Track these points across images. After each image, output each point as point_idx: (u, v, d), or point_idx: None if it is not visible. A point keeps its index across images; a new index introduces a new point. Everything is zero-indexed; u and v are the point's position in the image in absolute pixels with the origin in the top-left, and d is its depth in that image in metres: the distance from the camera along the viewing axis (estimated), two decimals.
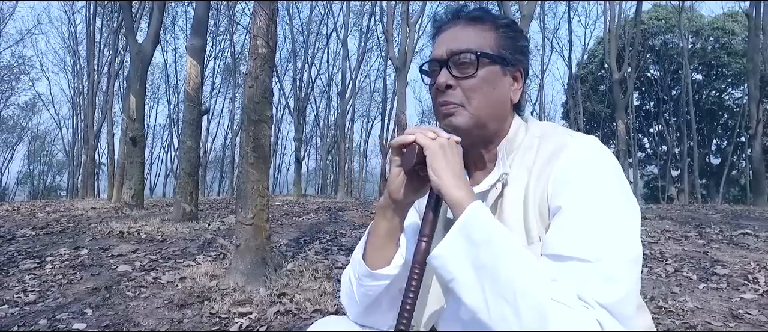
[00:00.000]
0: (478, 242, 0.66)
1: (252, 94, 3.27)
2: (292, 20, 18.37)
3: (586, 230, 0.67)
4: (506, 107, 0.82)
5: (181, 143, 5.75)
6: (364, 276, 0.82)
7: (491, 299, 0.65)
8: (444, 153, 0.73)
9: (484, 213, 0.68)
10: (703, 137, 21.79)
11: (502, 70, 0.80)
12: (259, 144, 3.28)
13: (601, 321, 0.62)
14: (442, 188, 0.71)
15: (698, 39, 19.39)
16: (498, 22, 0.82)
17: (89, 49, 15.09)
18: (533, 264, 0.65)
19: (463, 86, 0.78)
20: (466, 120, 0.78)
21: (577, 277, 0.65)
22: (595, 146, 0.74)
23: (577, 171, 0.71)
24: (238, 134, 23.38)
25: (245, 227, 3.21)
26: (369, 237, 0.83)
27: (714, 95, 20.89)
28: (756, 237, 4.77)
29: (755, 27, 8.95)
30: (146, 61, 6.97)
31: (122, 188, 8.83)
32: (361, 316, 0.88)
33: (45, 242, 4.92)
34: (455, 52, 0.78)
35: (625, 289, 0.65)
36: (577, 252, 0.66)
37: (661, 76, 20.87)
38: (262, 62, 3.29)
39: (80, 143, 19.66)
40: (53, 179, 35.63)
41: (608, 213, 0.68)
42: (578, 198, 0.69)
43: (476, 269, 0.66)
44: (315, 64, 20.89)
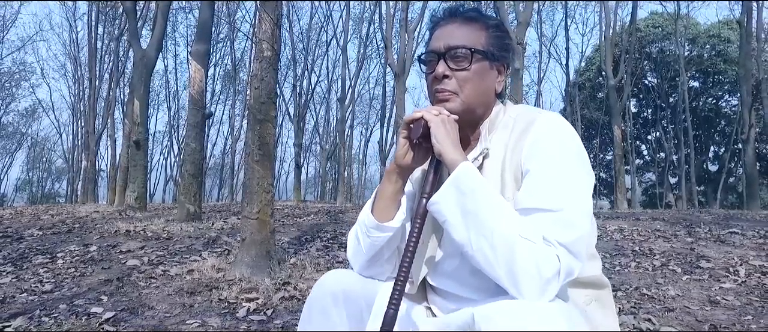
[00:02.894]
0: (466, 192, 0.85)
1: (257, 95, 3.47)
2: (292, 27, 18.64)
3: (549, 187, 0.86)
4: (491, 96, 1.02)
5: (185, 145, 5.93)
6: (372, 227, 1.00)
7: (473, 236, 0.84)
8: (444, 125, 0.92)
9: (473, 171, 0.88)
10: (701, 144, 22.02)
11: (489, 65, 0.99)
12: (264, 142, 3.47)
13: (560, 256, 0.81)
14: (442, 152, 0.90)
15: (694, 46, 19.69)
16: (488, 23, 1.01)
17: (91, 55, 15.32)
18: (508, 211, 0.84)
19: (457, 77, 0.97)
20: (458, 106, 0.97)
21: (542, 223, 0.83)
22: (559, 121, 0.94)
23: (543, 141, 0.90)
24: (238, 141, 23.57)
25: (250, 221, 3.39)
26: (376, 198, 1.02)
27: (711, 102, 21.16)
28: (743, 236, 4.95)
29: (747, 34, 9.22)
30: (150, 66, 7.19)
31: (124, 192, 8.99)
32: (365, 267, 1.06)
33: (53, 240, 5.08)
34: (452, 47, 0.97)
35: (579, 232, 0.84)
36: (541, 204, 0.85)
37: (658, 84, 21.15)
38: (267, 65, 3.49)
39: (80, 149, 19.85)
40: (52, 185, 35.77)
41: (567, 174, 0.88)
42: (543, 162, 0.88)
43: (463, 213, 0.85)
44: (315, 71, 21.16)
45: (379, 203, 1.01)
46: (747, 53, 9.34)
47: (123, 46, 14.88)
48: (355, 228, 1.08)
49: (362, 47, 20.61)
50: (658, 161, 22.53)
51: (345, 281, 1.04)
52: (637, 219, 6.39)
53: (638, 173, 23.82)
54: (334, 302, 1.02)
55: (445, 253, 1.01)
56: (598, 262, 0.99)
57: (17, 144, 30.91)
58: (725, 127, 21.04)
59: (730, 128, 19.66)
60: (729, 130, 19.77)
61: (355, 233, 1.07)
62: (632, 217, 6.90)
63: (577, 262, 0.83)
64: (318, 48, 21.41)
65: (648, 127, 23.57)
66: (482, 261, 0.83)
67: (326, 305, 1.02)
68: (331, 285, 1.04)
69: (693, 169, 18.34)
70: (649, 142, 24.01)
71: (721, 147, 22.04)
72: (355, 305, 1.02)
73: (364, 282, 1.05)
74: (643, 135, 23.98)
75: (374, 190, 1.07)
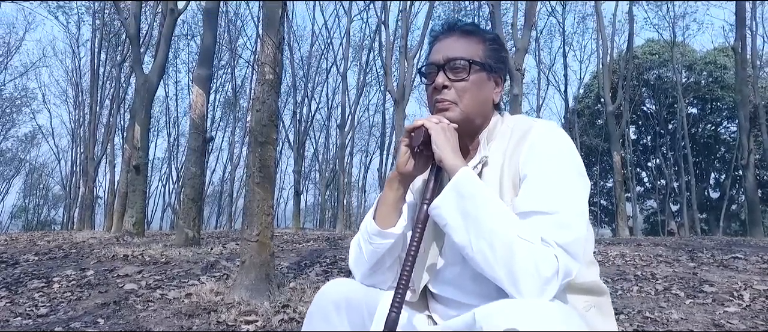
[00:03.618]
0: (466, 196, 0.89)
1: (259, 117, 3.52)
2: (293, 54, 18.96)
3: (546, 191, 0.89)
4: (489, 106, 1.06)
5: (185, 169, 5.97)
6: (374, 234, 1.03)
7: (473, 238, 0.86)
8: (445, 133, 0.96)
9: (472, 176, 0.91)
10: (701, 170, 22.09)
11: (487, 76, 1.04)
12: (265, 165, 3.50)
13: (558, 256, 0.83)
14: (442, 157, 0.94)
15: (691, 73, 20.00)
16: (486, 36, 1.06)
17: (93, 81, 15.52)
18: (506, 213, 0.87)
19: (456, 87, 1.01)
20: (458, 115, 1.01)
21: (540, 225, 0.86)
22: (555, 129, 0.98)
23: (539, 147, 0.94)
24: (238, 168, 23.63)
25: (250, 243, 3.39)
26: (378, 205, 1.05)
27: (709, 128, 21.34)
28: (746, 261, 4.93)
29: (742, 60, 9.41)
30: (152, 91, 7.29)
31: (123, 218, 8.98)
32: (367, 276, 1.08)
33: (49, 265, 5.05)
34: (451, 59, 1.01)
35: (576, 234, 0.86)
36: (539, 207, 0.88)
37: (656, 110, 21.37)
38: (269, 88, 3.55)
39: (79, 175, 19.87)
40: (48, 213, 35.62)
41: (563, 178, 0.91)
42: (539, 167, 0.92)
43: (464, 216, 0.88)
44: (315, 98, 21.39)
45: (381, 209, 1.04)
46: (743, 79, 9.50)
47: (125, 73, 15.09)
48: (357, 237, 1.10)
49: (362, 75, 20.91)
50: (659, 188, 22.55)
51: (347, 289, 1.06)
52: (638, 245, 6.37)
53: (639, 201, 23.80)
54: (337, 310, 1.03)
55: (447, 261, 1.03)
56: (597, 268, 1.01)
57: (15, 170, 30.93)
58: (725, 153, 21.15)
59: (729, 155, 19.77)
60: (729, 156, 19.88)
61: (358, 241, 1.09)
62: (634, 243, 6.88)
63: (575, 263, 0.85)
64: (318, 75, 21.74)
65: (648, 154, 23.69)
66: (482, 263, 0.85)
67: (328, 313, 1.03)
68: (334, 293, 1.05)
69: (694, 196, 18.34)
70: (650, 169, 24.09)
71: (721, 174, 22.10)
72: (357, 313, 1.03)
73: (366, 290, 1.07)
74: (643, 162, 24.07)
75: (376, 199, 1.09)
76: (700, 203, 20.26)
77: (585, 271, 0.97)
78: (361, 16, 19.79)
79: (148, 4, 13.47)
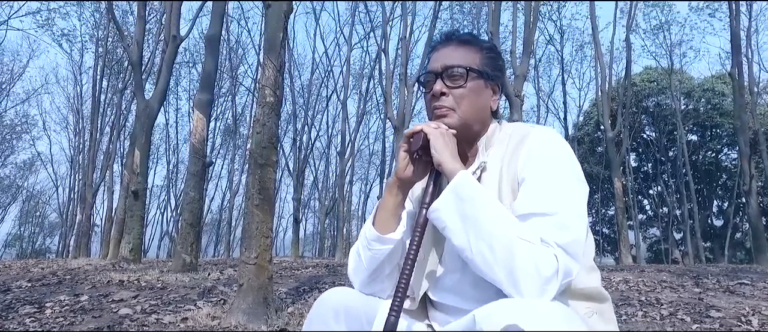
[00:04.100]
0: (465, 198, 0.89)
1: (259, 139, 3.54)
2: (293, 82, 19.19)
3: (544, 193, 0.90)
4: (487, 113, 1.07)
5: (184, 194, 5.96)
6: (374, 240, 1.02)
7: (473, 240, 0.86)
8: (443, 137, 0.97)
9: (470, 178, 0.92)
10: (704, 198, 22.04)
11: (485, 83, 1.05)
12: (264, 187, 3.50)
13: (557, 256, 0.83)
14: (441, 161, 0.94)
15: (690, 100, 20.19)
16: (483, 45, 1.08)
17: (94, 108, 15.66)
18: (505, 215, 0.87)
19: (454, 94, 1.03)
20: (456, 121, 1.02)
21: (539, 227, 0.86)
22: (552, 133, 0.99)
23: (537, 151, 0.95)
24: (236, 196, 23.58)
25: (248, 266, 3.36)
26: (377, 211, 1.05)
27: (710, 155, 21.40)
28: (753, 287, 4.87)
29: (740, 86, 9.54)
30: (152, 117, 7.35)
31: (119, 245, 8.91)
32: (366, 284, 1.07)
33: (42, 291, 4.98)
34: (449, 67, 1.03)
35: (575, 234, 0.86)
36: (538, 209, 0.88)
37: (656, 137, 21.48)
38: (269, 110, 3.58)
39: (76, 201, 19.82)
40: (43, 241, 35.33)
41: (561, 180, 0.91)
42: (537, 171, 0.93)
43: (462, 218, 0.88)
44: (315, 126, 21.53)
45: (381, 215, 1.04)
46: (741, 105, 9.60)
47: (126, 100, 15.24)
48: (356, 245, 1.09)
49: (362, 102, 21.10)
50: (661, 216, 22.46)
51: (346, 297, 1.05)
52: (642, 271, 6.31)
53: (642, 229, 23.66)
54: (335, 318, 1.02)
55: (446, 269, 1.03)
56: (598, 274, 1.00)
57: (12, 198, 30.85)
58: (727, 181, 21.15)
59: (731, 182, 19.77)
60: (730, 183, 19.87)
61: (356, 249, 1.08)
62: (637, 269, 6.82)
63: (574, 263, 0.84)
64: (318, 103, 21.94)
65: (649, 181, 23.69)
66: (481, 264, 0.85)
67: (327, 320, 1.02)
68: (332, 300, 1.04)
69: (697, 223, 18.25)
70: (651, 196, 24.04)
71: (724, 201, 22.05)
72: (356, 321, 1.02)
73: (366, 299, 1.06)
74: (645, 190, 24.04)
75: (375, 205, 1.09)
76: (703, 231, 20.14)
77: (585, 277, 0.96)
78: (361, 44, 20.10)
79: (151, 32, 13.73)
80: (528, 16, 9.23)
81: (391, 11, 14.82)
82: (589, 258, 0.99)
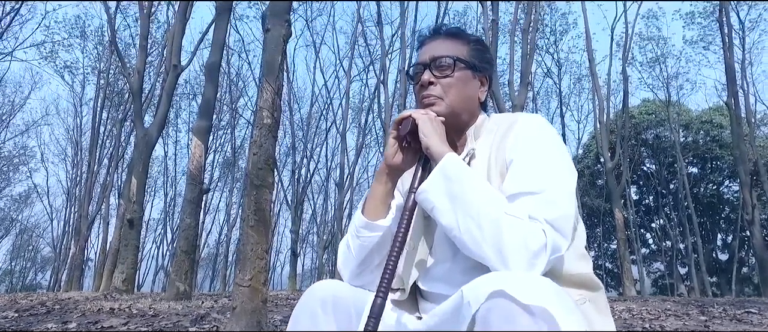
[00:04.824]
0: (452, 178, 0.90)
1: (256, 160, 3.56)
2: (293, 115, 19.39)
3: (532, 172, 0.91)
4: (475, 103, 1.09)
5: (180, 221, 5.94)
6: (362, 227, 1.02)
7: (460, 218, 0.86)
8: (431, 122, 0.99)
9: (458, 160, 0.93)
10: (707, 231, 21.92)
11: (472, 74, 1.08)
12: (260, 208, 3.50)
13: (545, 231, 0.83)
14: (429, 144, 0.96)
15: (689, 132, 20.36)
16: (470, 38, 1.11)
17: (93, 139, 15.77)
18: (493, 193, 0.88)
19: (442, 83, 1.05)
20: (444, 109, 1.04)
21: (527, 204, 0.87)
22: (540, 119, 1.01)
23: (525, 134, 0.96)
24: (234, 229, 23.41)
25: (242, 289, 3.31)
26: (367, 199, 1.05)
27: (711, 188, 21.39)
28: (761, 316, 4.79)
29: (737, 115, 9.65)
30: (151, 145, 7.39)
31: (113, 275, 8.80)
32: (355, 275, 1.06)
33: (29, 321, 4.89)
34: (437, 57, 1.06)
35: (563, 211, 0.87)
36: (525, 188, 0.89)
37: (657, 170, 21.54)
38: (267, 132, 3.62)
39: (71, 235, 19.67)
40: (34, 276, 34.82)
41: (548, 160, 0.93)
42: (524, 152, 0.94)
43: (450, 198, 0.89)
44: (313, 159, 21.62)
45: (370, 203, 1.04)
46: (739, 135, 9.69)
47: (125, 131, 15.36)
48: (345, 237, 1.09)
49: (361, 136, 21.26)
50: (665, 250, 22.26)
51: (335, 288, 1.04)
52: (645, 300, 6.22)
53: (646, 263, 23.41)
54: (323, 308, 1.01)
55: (436, 259, 1.03)
56: (590, 262, 1.00)
57: (5, 231, 30.61)
58: (730, 213, 21.08)
59: (734, 215, 19.68)
60: (733, 216, 19.79)
61: (346, 240, 1.08)
62: (641, 299, 6.72)
63: (563, 239, 0.84)
64: (317, 136, 22.09)
65: (651, 214, 23.60)
66: (470, 243, 0.85)
67: (315, 311, 1.01)
68: (321, 291, 1.03)
69: (701, 257, 18.07)
70: (654, 230, 23.90)
71: (727, 235, 21.91)
72: (345, 312, 1.00)
73: (355, 290, 1.05)
74: (647, 223, 23.92)
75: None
76: (708, 265, 19.92)
77: (577, 263, 0.96)
78: (360, 77, 20.43)
79: (153, 65, 13.98)
80: (525, 47, 9.43)
81: (390, 44, 15.14)
82: (580, 246, 0.99)
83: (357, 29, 18.01)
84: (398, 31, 14.93)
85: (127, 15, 13.64)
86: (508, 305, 0.70)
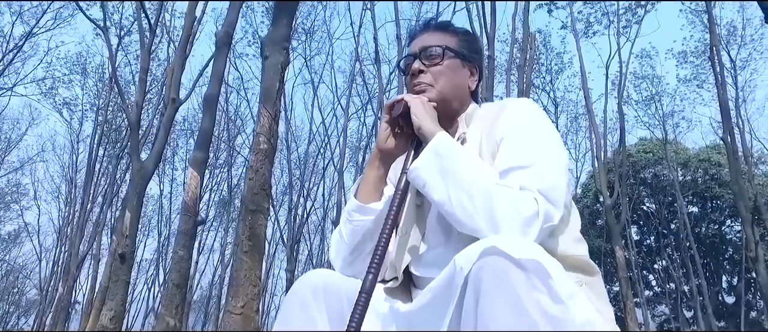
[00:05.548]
0: (443, 155, 0.93)
1: (252, 185, 3.58)
2: (290, 154, 19.50)
3: (522, 148, 0.94)
4: (465, 92, 1.13)
5: (173, 253, 5.88)
6: (354, 210, 1.04)
7: (452, 191, 0.89)
8: (423, 105, 1.02)
9: (449, 138, 0.96)
10: (711, 273, 21.67)
11: (461, 63, 1.12)
12: (255, 233, 3.50)
13: (537, 199, 0.85)
14: (421, 125, 0.99)
15: (687, 171, 20.48)
16: (458, 30, 1.17)
17: (88, 176, 15.78)
18: (484, 166, 0.91)
19: (432, 71, 1.09)
20: (435, 95, 1.08)
21: (519, 177, 0.89)
22: (528, 101, 1.05)
23: (514, 114, 1.00)
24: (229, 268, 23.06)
25: (234, 316, 3.26)
26: (360, 185, 1.08)
27: (713, 227, 21.32)
28: None
29: (734, 150, 9.76)
30: (147, 178, 7.40)
31: (100, 313, 8.61)
32: (348, 263, 1.07)
33: None
34: (426, 47, 1.11)
35: (553, 181, 0.89)
36: (516, 163, 0.92)
37: (657, 210, 21.53)
38: (263, 157, 3.66)
39: (59, 275, 19.34)
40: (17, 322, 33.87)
41: (538, 136, 0.96)
42: (514, 130, 0.98)
43: (442, 173, 0.92)
44: (310, 197, 21.57)
45: (362, 188, 1.06)
46: (737, 170, 9.76)
47: (121, 169, 15.39)
48: (338, 227, 1.11)
49: (359, 174, 21.27)
50: (669, 293, 21.94)
51: (326, 276, 1.04)
52: None
53: (650, 306, 23.01)
54: (314, 296, 1.01)
55: (429, 245, 1.04)
56: (585, 246, 1.01)
57: None
58: (733, 254, 20.91)
59: (738, 256, 19.53)
60: (737, 257, 19.63)
61: (338, 229, 1.10)
62: None
63: (555, 209, 0.86)
64: (315, 175, 22.11)
65: (653, 255, 23.39)
66: (462, 215, 0.87)
67: (306, 299, 1.01)
68: (312, 279, 1.03)
69: (706, 299, 17.81)
70: (657, 271, 23.63)
71: (732, 276, 21.67)
72: (336, 299, 1.01)
73: (347, 279, 1.05)
74: (649, 264, 23.68)
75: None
76: (715, 308, 19.58)
77: (572, 245, 0.97)
78: (358, 115, 20.69)
79: (151, 102, 14.17)
80: (521, 84, 9.63)
81: (388, 82, 15.44)
82: (574, 230, 1.00)
83: (355, 68, 18.40)
84: (395, 71, 15.27)
85: (128, 51, 13.96)
86: (500, 261, 0.71)
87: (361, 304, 0.85)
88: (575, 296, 0.73)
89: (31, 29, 12.99)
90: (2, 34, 12.89)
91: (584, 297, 0.77)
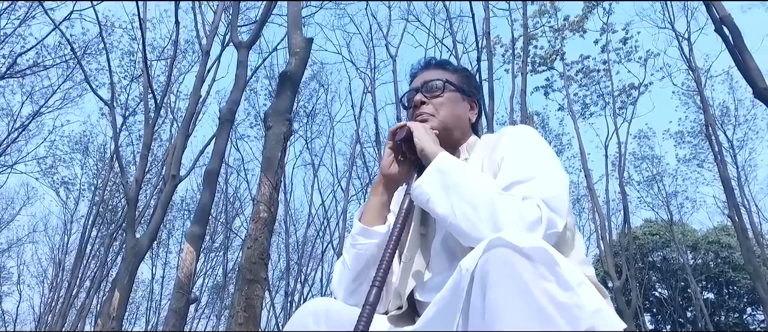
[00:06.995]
0: (446, 171, 0.99)
1: (250, 254, 3.57)
2: (288, 238, 19.35)
3: (523, 163, 1.01)
4: (466, 123, 1.22)
5: None
6: (358, 233, 1.08)
7: (455, 204, 0.94)
8: (426, 129, 1.10)
9: (451, 156, 1.03)
10: None
11: (461, 97, 1.23)
12: (251, 304, 3.43)
13: (540, 206, 0.90)
14: (423, 147, 1.06)
15: (697, 254, 20.14)
16: (457, 68, 1.29)
17: (77, 257, 15.55)
18: (486, 178, 0.97)
19: (434, 103, 1.19)
20: (436, 124, 1.17)
21: (521, 190, 0.95)
22: (527, 127, 1.13)
23: (514, 137, 1.08)
24: None
25: None
26: (363, 211, 1.13)
27: (733, 315, 20.59)
28: None
29: (743, 229, 9.69)
30: (140, 256, 7.30)
31: None
32: (350, 291, 1.09)
33: None
34: (428, 81, 1.21)
35: (555, 192, 0.95)
36: (518, 177, 0.98)
37: (670, 296, 20.93)
38: (263, 226, 3.68)
39: None
40: None
41: (539, 152, 1.04)
42: (514, 149, 1.05)
43: (445, 188, 0.97)
44: (308, 282, 21.08)
45: (366, 214, 1.11)
46: (749, 249, 9.63)
47: (113, 251, 15.20)
48: (340, 259, 1.14)
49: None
50: None
51: (328, 303, 1.06)
52: None
53: None
54: (316, 321, 1.02)
55: (433, 272, 1.07)
56: (592, 269, 1.03)
57: None
58: None
59: None
60: None
61: (342, 258, 1.13)
62: None
63: (558, 218, 0.90)
64: (313, 260, 21.76)
65: None
66: (466, 226, 0.90)
67: (307, 323, 1.02)
68: (314, 306, 1.05)
69: None
70: None
71: None
72: (338, 324, 1.02)
73: (349, 307, 1.07)
74: None
75: None
76: None
77: (579, 266, 0.99)
78: (358, 197, 20.78)
79: (150, 182, 14.33)
80: None
81: None
82: (580, 254, 1.03)
83: (356, 150, 18.79)
84: None
85: (131, 131, 14.35)
86: (505, 252, 0.73)
87: (365, 316, 0.86)
88: (584, 283, 0.74)
89: (39, 109, 13.47)
90: (10, 113, 13.34)
91: (592, 286, 0.78)
